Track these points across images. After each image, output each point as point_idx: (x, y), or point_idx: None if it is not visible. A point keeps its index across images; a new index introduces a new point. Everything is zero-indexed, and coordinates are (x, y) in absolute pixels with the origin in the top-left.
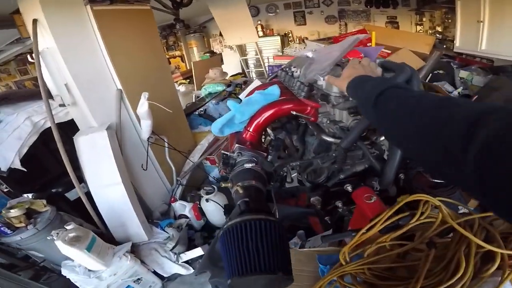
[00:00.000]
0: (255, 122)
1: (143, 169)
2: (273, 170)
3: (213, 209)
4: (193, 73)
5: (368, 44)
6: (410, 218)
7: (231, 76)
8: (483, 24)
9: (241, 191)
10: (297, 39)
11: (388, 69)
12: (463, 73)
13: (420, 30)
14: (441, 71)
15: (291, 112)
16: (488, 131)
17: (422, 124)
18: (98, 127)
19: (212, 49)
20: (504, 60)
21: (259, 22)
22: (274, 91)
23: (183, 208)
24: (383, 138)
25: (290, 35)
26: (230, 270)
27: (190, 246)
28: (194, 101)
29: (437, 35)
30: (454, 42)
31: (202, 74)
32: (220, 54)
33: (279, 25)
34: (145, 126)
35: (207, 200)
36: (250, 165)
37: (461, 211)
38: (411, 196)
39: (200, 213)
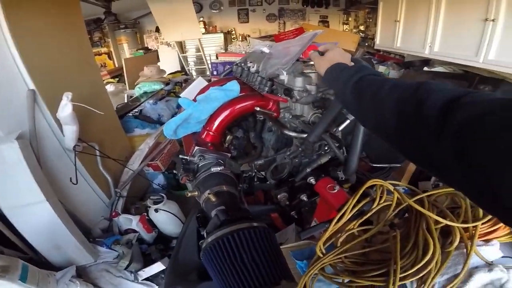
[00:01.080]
0: (217, 121)
1: (73, 183)
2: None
3: (165, 218)
4: (124, 71)
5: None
6: (372, 203)
7: (169, 74)
8: (399, 23)
9: (213, 199)
10: (240, 37)
11: None
12: (381, 68)
13: (347, 29)
14: None
15: (255, 108)
16: (462, 116)
17: (397, 109)
18: (5, 137)
19: (146, 45)
20: (413, 55)
21: (201, 18)
22: (234, 86)
23: (128, 222)
24: (341, 128)
25: (234, 32)
26: None
27: (147, 262)
28: (126, 101)
29: (360, 33)
30: (375, 40)
31: (135, 72)
32: (156, 51)
33: (223, 22)
34: (69, 133)
35: (156, 210)
36: (218, 168)
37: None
38: (368, 181)
39: (150, 225)
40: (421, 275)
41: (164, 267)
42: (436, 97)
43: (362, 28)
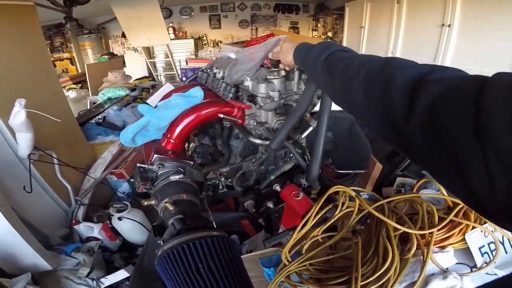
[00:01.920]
0: (179, 128)
1: (27, 191)
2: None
3: (129, 227)
4: (87, 77)
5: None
6: (334, 210)
7: (136, 80)
8: (364, 29)
9: (171, 208)
10: (211, 43)
11: None
12: None
13: (315, 35)
14: None
15: (219, 115)
16: (426, 96)
17: (365, 89)
18: None
19: (111, 50)
20: None
21: (171, 24)
22: (197, 93)
23: (90, 230)
24: (304, 135)
25: (205, 38)
26: None
27: (110, 270)
28: (89, 107)
29: (328, 39)
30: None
31: (99, 78)
32: (122, 56)
33: (193, 28)
34: (23, 141)
35: (119, 219)
36: (177, 176)
37: (364, 196)
38: (332, 188)
39: (114, 233)
40: (381, 282)
41: (128, 275)
42: (403, 75)
43: (330, 34)
